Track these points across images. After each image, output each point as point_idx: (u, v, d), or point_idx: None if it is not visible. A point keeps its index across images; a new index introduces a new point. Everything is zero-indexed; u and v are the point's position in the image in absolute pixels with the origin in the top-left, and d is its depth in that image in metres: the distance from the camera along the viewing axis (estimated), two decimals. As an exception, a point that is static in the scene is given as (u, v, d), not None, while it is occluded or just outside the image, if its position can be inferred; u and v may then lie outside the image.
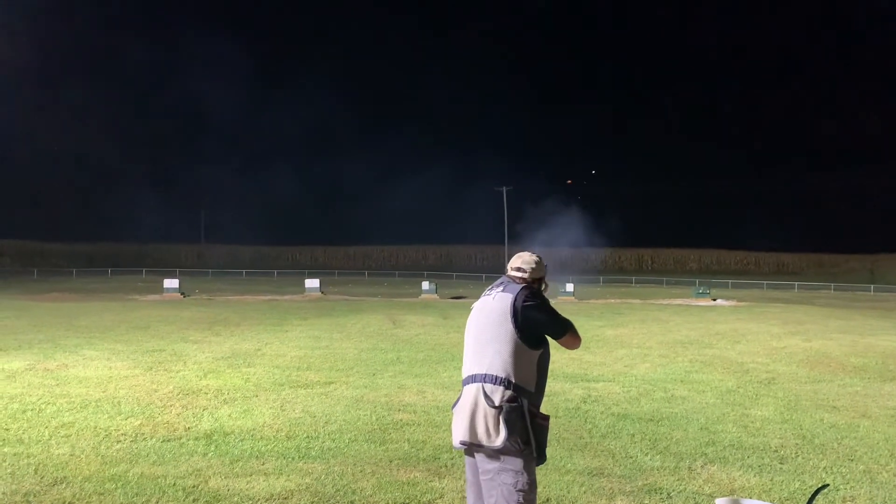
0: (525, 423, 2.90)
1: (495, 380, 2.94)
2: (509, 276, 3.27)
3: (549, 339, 3.15)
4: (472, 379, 3.02)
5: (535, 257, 3.30)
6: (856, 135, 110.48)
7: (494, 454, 2.92)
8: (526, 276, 3.23)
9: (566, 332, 3.16)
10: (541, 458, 2.99)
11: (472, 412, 2.94)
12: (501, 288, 3.17)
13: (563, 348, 3.33)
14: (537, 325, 3.06)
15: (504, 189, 66.57)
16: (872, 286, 49.26)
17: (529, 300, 3.05)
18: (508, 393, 2.91)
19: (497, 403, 2.89)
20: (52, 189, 76.54)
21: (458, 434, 3.00)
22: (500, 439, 2.86)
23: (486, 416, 2.90)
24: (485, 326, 3.09)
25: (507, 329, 3.00)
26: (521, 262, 3.28)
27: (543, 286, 3.30)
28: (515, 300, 3.04)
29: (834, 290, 48.23)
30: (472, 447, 2.98)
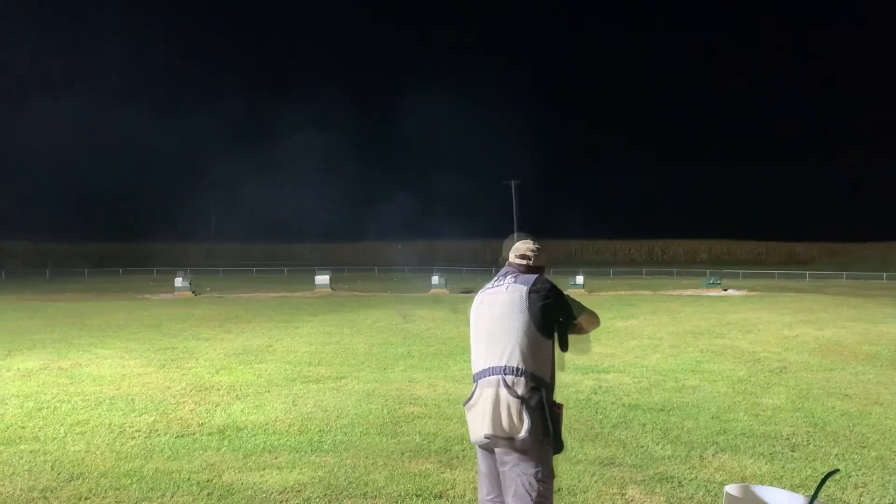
0: (545, 413, 2.87)
1: (515, 371, 2.89)
2: (513, 265, 3.22)
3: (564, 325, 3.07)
4: (490, 372, 2.95)
5: (536, 245, 3.26)
6: (867, 121, 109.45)
7: (515, 445, 2.88)
8: (531, 263, 3.20)
9: (581, 313, 3.11)
10: (558, 447, 2.97)
11: (494, 405, 2.88)
12: (513, 279, 3.10)
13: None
14: (552, 311, 3.01)
15: (513, 182, 66.56)
16: (885, 274, 48.89)
17: (544, 289, 3.02)
18: (531, 384, 2.88)
19: (520, 394, 2.85)
20: (64, 190, 77.00)
21: (482, 428, 2.92)
22: (524, 430, 2.82)
23: (509, 408, 2.86)
24: (500, 318, 3.01)
25: (523, 319, 2.95)
26: (525, 249, 3.24)
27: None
28: (531, 290, 2.99)
29: (846, 278, 47.92)
30: (494, 439, 2.91)
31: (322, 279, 30.62)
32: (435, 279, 31.65)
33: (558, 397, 3.06)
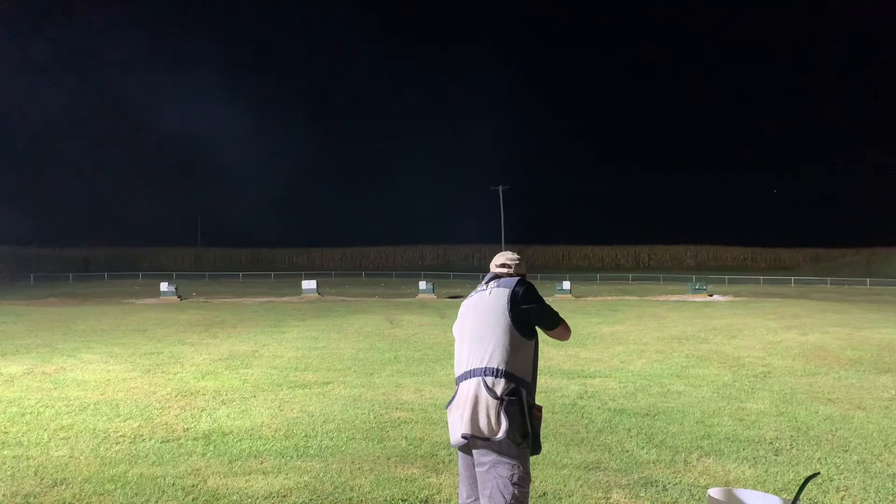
0: (524, 415, 2.92)
1: (495, 372, 2.94)
2: (496, 273, 3.36)
3: (539, 331, 3.21)
4: (471, 374, 3.00)
5: (516, 255, 3.43)
6: (853, 128, 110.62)
7: (492, 446, 2.92)
8: (511, 271, 3.34)
9: (558, 324, 3.24)
10: (536, 448, 3.02)
11: (473, 405, 2.92)
12: (496, 283, 3.22)
13: (555, 341, 3.39)
14: (532, 314, 3.12)
15: (500, 188, 66.71)
16: (868, 280, 49.44)
17: (525, 292, 3.13)
18: (511, 385, 2.92)
19: (499, 395, 2.90)
20: (49, 194, 76.39)
21: (460, 428, 2.96)
22: (501, 432, 2.86)
23: (487, 408, 2.89)
24: (482, 321, 3.10)
25: (505, 321, 3.03)
26: (504, 259, 3.41)
27: None
28: (513, 292, 3.10)
29: (830, 284, 48.43)
30: (472, 440, 2.95)
31: (309, 284, 30.56)
32: (422, 284, 31.68)
33: (544, 401, 3.09)
